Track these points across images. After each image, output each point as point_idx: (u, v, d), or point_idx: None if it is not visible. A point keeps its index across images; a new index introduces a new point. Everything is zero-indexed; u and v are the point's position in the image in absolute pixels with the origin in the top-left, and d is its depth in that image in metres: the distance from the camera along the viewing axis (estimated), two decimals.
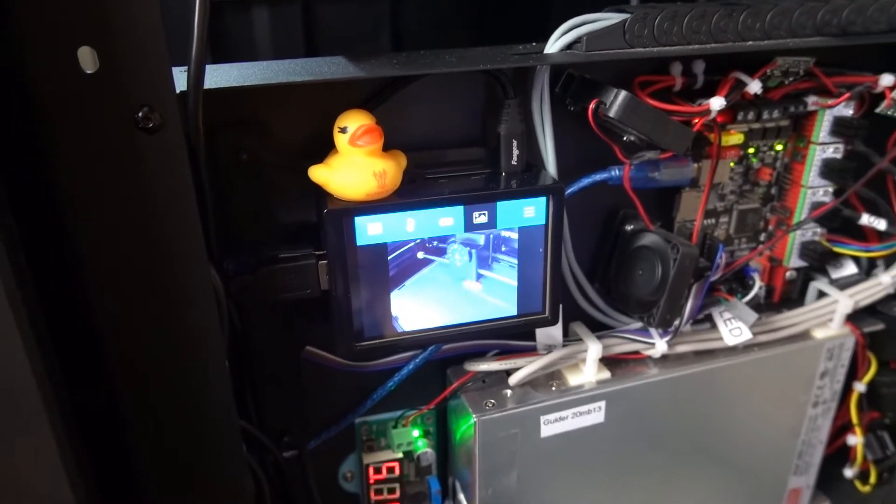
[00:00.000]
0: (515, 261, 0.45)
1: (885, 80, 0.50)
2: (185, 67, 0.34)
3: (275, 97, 0.43)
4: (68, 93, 0.30)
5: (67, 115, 0.31)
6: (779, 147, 0.54)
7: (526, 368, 0.51)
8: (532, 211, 0.44)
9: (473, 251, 0.45)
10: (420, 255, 0.43)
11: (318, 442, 0.54)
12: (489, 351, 0.54)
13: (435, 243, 0.43)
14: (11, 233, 0.31)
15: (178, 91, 0.33)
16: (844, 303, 0.57)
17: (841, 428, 0.68)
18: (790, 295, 0.60)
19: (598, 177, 0.49)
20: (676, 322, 0.52)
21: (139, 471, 0.40)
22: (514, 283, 0.46)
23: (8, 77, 0.30)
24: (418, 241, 0.43)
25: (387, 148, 0.42)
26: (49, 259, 0.35)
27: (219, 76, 0.37)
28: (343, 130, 0.39)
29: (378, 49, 0.75)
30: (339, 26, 0.75)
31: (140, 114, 0.32)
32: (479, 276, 0.45)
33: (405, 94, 0.45)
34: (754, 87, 0.47)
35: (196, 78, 0.33)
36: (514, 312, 0.47)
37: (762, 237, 0.57)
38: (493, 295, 0.46)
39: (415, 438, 0.56)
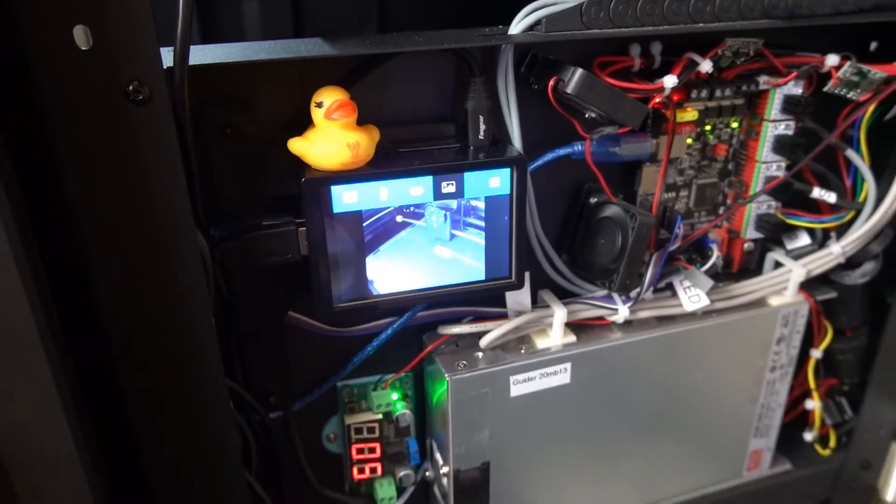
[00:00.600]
0: (483, 224, 0.48)
1: (831, 60, 0.53)
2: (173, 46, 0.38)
3: (258, 76, 0.46)
4: (64, 67, 0.34)
5: (64, 88, 0.34)
6: (734, 124, 0.57)
7: (496, 331, 0.54)
8: (497, 181, 0.48)
9: (448, 213, 0.48)
10: (399, 218, 0.47)
11: (303, 404, 0.57)
12: (464, 318, 0.57)
13: (412, 208, 0.47)
14: (16, 198, 0.34)
15: (165, 67, 0.36)
16: (798, 272, 0.61)
17: (802, 395, 0.72)
18: (749, 265, 0.64)
19: (562, 151, 0.53)
20: (637, 289, 0.55)
21: (134, 424, 0.44)
22: (483, 247, 0.49)
23: (9, 52, 0.33)
24: (391, 209, 0.46)
25: (363, 123, 0.45)
26: (48, 223, 0.38)
27: (204, 54, 0.40)
28: (319, 105, 0.43)
29: (365, 34, 0.78)
30: (327, 13, 0.78)
31: (130, 87, 0.35)
32: (452, 237, 0.49)
33: (380, 73, 0.48)
34: (706, 66, 0.50)
35: (181, 54, 0.37)
36: (483, 277, 0.50)
37: (721, 210, 0.61)
38: (463, 261, 0.50)
39: (394, 401, 0.59)
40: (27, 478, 0.38)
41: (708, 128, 0.57)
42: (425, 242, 0.48)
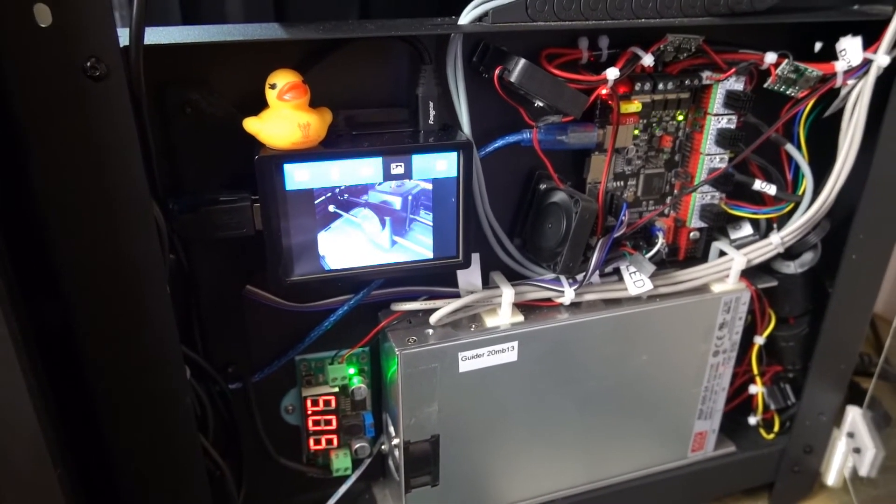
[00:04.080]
0: (430, 205, 0.51)
1: (769, 58, 0.56)
2: None
3: (217, 59, 0.48)
4: (24, 43, 0.36)
5: (23, 63, 0.36)
6: (680, 117, 0.60)
7: (445, 308, 0.57)
8: (445, 164, 0.50)
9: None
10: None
11: (262, 376, 0.60)
12: (419, 297, 0.60)
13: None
14: None
15: (122, 45, 0.38)
16: (739, 260, 0.63)
17: (748, 380, 0.75)
18: (695, 254, 0.67)
19: (511, 139, 0.55)
20: (584, 272, 0.58)
21: (89, 385, 0.46)
22: (430, 228, 0.52)
23: None
24: (343, 187, 0.49)
25: (318, 106, 0.48)
26: (7, 191, 0.40)
27: (160, 35, 0.43)
28: (272, 87, 0.45)
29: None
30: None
31: (88, 63, 0.37)
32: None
33: (337, 58, 0.50)
34: (647, 60, 0.53)
35: (137, 33, 0.39)
36: (431, 256, 0.53)
37: (668, 200, 0.63)
38: (412, 240, 0.52)
39: (350, 375, 0.61)
40: None
41: (654, 120, 0.59)
42: (376, 222, 0.51)
